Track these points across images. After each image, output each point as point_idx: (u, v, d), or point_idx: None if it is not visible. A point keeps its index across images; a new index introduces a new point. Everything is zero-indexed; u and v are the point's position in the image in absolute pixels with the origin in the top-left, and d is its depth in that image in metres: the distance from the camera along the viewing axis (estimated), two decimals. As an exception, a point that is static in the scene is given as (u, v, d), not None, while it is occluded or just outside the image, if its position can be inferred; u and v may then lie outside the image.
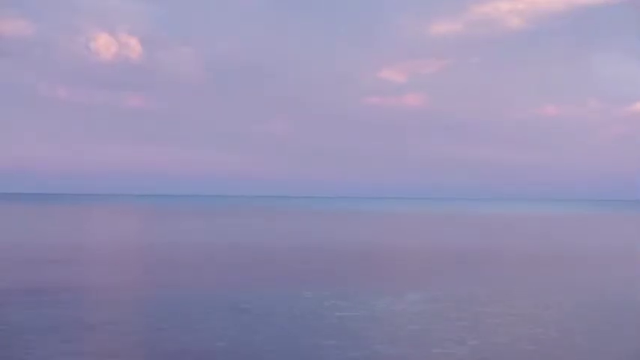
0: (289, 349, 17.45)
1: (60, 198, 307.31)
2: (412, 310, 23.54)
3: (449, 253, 46.75)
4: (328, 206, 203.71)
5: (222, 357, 16.66)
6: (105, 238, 59.44)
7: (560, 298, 26.75)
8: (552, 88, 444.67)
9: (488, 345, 18.20)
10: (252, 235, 64.66)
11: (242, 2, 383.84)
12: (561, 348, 18.07)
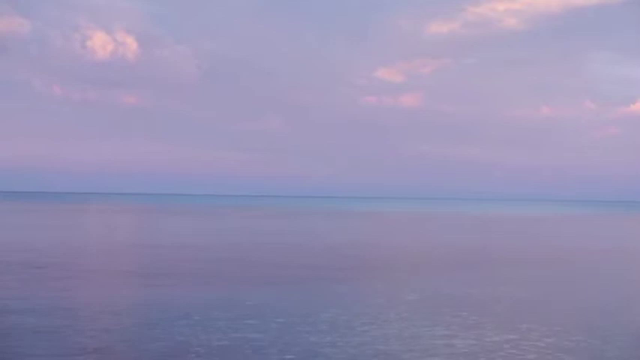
0: (284, 347, 17.24)
1: (54, 196, 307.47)
2: (408, 309, 23.32)
3: (445, 253, 46.57)
4: (325, 206, 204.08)
5: (219, 356, 16.45)
6: (100, 238, 59.26)
7: (558, 298, 26.57)
8: (548, 88, 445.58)
9: (484, 343, 18.02)
10: (247, 235, 64.51)
11: (240, 1, 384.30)
12: (560, 347, 17.89)
